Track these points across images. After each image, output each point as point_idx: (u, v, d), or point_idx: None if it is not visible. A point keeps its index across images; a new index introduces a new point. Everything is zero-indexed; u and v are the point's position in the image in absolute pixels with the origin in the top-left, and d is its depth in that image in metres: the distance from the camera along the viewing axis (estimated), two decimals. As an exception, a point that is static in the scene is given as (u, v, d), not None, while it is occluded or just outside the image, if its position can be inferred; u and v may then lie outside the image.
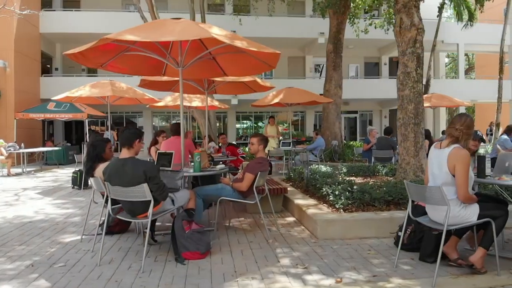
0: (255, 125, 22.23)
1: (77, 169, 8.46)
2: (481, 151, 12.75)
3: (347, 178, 6.68)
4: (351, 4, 12.47)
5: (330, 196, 4.98)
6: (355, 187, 4.99)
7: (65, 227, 5.05)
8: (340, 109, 13.02)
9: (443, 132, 13.25)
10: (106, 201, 3.87)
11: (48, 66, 19.18)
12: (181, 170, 4.19)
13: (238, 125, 22.18)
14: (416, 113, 6.04)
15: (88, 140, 10.61)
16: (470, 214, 3.11)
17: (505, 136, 7.07)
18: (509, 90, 19.68)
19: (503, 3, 16.66)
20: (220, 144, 8.66)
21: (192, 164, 4.63)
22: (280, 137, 11.93)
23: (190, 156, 5.47)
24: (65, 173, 11.64)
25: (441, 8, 11.25)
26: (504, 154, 4.09)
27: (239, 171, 7.19)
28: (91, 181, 4.17)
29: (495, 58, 16.55)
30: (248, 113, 21.56)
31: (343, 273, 3.27)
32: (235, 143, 11.95)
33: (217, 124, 21.79)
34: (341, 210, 4.66)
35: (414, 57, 6.04)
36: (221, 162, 7.24)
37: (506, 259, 3.55)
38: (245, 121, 22.35)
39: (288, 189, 6.40)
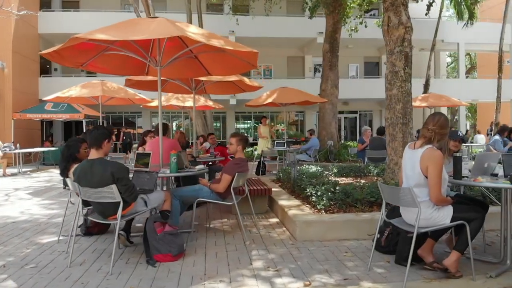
0: (256, 125, 22.16)
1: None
2: (479, 151, 12.59)
3: (335, 179, 6.61)
4: (345, 3, 12.32)
5: (313, 197, 4.91)
6: (337, 187, 4.91)
7: (46, 228, 5.03)
8: (336, 109, 12.93)
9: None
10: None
11: (48, 66, 19.24)
12: (156, 171, 4.12)
13: (237, 125, 22.11)
14: (404, 113, 5.94)
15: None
16: (443, 216, 3.02)
17: (496, 137, 6.91)
18: (510, 89, 19.44)
19: (504, 2, 16.46)
20: (206, 144, 8.60)
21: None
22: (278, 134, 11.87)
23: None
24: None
25: (430, 6, 11.11)
26: (482, 154, 3.99)
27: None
28: (67, 182, 4.13)
29: (497, 57, 16.37)
30: (247, 113, 21.50)
31: (314, 276, 3.20)
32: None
33: (218, 124, 21.77)
34: (323, 211, 4.59)
35: (402, 56, 5.94)
36: (210, 163, 7.22)
37: (486, 263, 3.46)
38: (244, 121, 22.29)
39: (276, 189, 6.34)
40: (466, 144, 13.20)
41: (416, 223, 2.93)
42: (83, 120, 14.42)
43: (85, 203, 3.88)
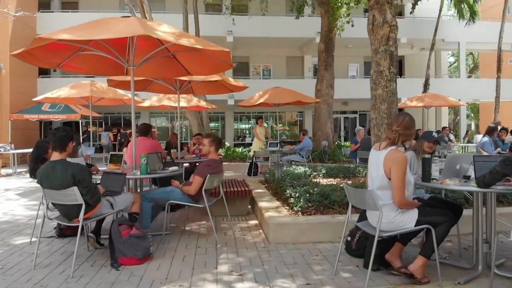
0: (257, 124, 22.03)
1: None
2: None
3: (323, 180, 6.52)
4: (334, 2, 12.17)
5: (292, 198, 4.84)
6: (315, 189, 4.82)
7: (24, 229, 5.00)
8: (332, 109, 12.83)
9: (438, 132, 12.90)
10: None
11: (47, 67, 19.32)
12: (124, 172, 4.06)
13: (236, 126, 22.01)
14: (389, 113, 5.84)
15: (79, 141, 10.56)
16: (407, 220, 2.92)
17: (485, 139, 6.69)
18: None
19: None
20: (196, 145, 8.53)
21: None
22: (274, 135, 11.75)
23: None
24: (54, 174, 11.64)
25: (415, 4, 10.96)
26: (454, 156, 3.88)
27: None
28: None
29: (502, 56, 16.09)
30: (246, 113, 21.42)
31: (277, 280, 3.12)
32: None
33: (218, 124, 21.73)
34: (300, 213, 4.50)
35: (387, 55, 5.84)
36: (197, 163, 7.15)
37: (459, 268, 3.35)
38: (243, 122, 22.19)
39: (261, 191, 6.27)
40: (463, 144, 13.01)
41: (378, 226, 2.84)
42: (80, 121, 14.44)
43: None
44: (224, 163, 12.51)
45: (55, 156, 3.38)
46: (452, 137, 12.86)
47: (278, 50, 20.53)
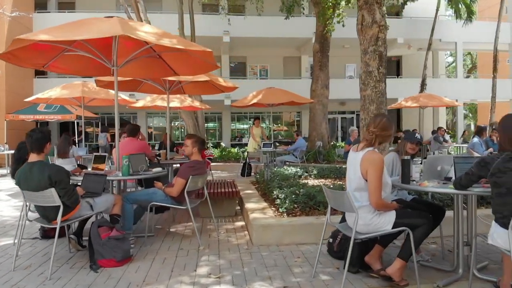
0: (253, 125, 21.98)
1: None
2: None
3: (313, 181, 6.49)
4: (324, 2, 12.11)
5: (278, 199, 4.81)
6: (301, 190, 4.80)
7: (10, 230, 4.98)
8: (327, 110, 12.79)
9: (433, 132, 12.90)
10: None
11: (44, 67, 19.28)
12: (105, 174, 4.04)
13: (233, 126, 21.97)
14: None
15: (73, 141, 10.52)
16: (384, 222, 2.89)
17: (475, 140, 6.65)
18: (509, 89, 19.10)
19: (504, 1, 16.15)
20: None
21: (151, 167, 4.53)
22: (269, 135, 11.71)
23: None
24: (48, 174, 11.62)
25: (404, 3, 10.94)
26: (434, 157, 3.84)
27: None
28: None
29: (498, 56, 16.04)
30: (243, 113, 21.38)
31: (255, 283, 3.09)
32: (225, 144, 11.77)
33: (215, 125, 21.72)
34: (285, 214, 4.48)
35: (376, 56, 5.81)
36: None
37: (441, 271, 3.32)
38: (241, 122, 22.16)
39: (250, 192, 6.25)
40: (458, 145, 12.98)
41: (354, 228, 2.82)
42: (75, 121, 14.42)
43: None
44: (219, 164, 12.61)
45: (33, 157, 3.36)
46: (447, 137, 12.83)
47: (275, 50, 20.50)
